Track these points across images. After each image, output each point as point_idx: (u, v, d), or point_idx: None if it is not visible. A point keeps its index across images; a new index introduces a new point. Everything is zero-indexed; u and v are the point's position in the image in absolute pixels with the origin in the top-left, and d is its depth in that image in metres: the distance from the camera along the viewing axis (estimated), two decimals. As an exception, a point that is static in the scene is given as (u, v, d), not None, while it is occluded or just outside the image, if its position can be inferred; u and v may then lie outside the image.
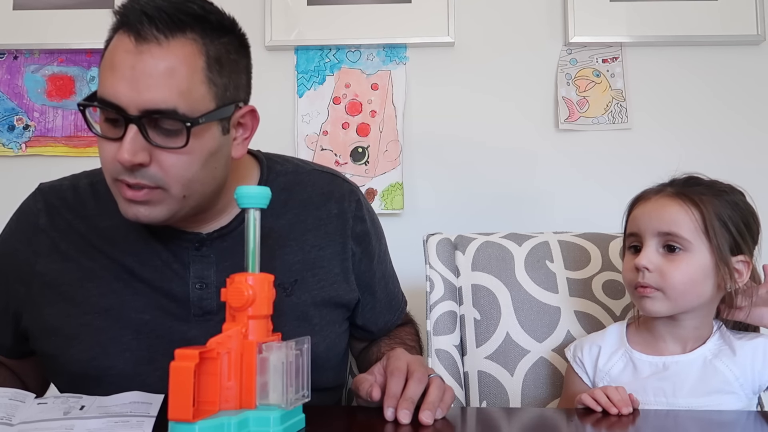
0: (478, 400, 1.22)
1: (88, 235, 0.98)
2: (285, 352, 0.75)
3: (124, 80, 0.82)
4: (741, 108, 1.77)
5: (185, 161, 0.86)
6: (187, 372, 0.69)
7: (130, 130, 0.83)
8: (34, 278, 0.98)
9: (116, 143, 0.84)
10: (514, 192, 1.76)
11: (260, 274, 0.79)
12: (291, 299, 0.99)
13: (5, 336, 1.04)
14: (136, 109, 0.82)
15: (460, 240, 1.34)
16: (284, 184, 1.04)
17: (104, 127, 0.87)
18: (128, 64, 0.82)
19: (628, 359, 1.05)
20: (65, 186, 1.04)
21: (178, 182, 0.87)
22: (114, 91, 0.83)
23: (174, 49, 0.83)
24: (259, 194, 0.80)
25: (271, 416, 0.73)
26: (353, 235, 1.06)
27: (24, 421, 0.78)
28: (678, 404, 0.98)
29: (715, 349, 1.02)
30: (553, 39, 1.80)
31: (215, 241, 0.98)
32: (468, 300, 1.28)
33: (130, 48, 0.82)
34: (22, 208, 1.04)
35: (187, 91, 0.84)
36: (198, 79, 0.85)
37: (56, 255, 0.98)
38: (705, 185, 1.04)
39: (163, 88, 0.82)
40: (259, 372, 0.74)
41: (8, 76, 1.83)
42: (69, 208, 1.00)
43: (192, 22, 0.85)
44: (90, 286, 0.96)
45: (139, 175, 0.85)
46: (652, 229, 1.01)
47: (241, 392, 0.74)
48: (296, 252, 1.01)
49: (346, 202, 1.07)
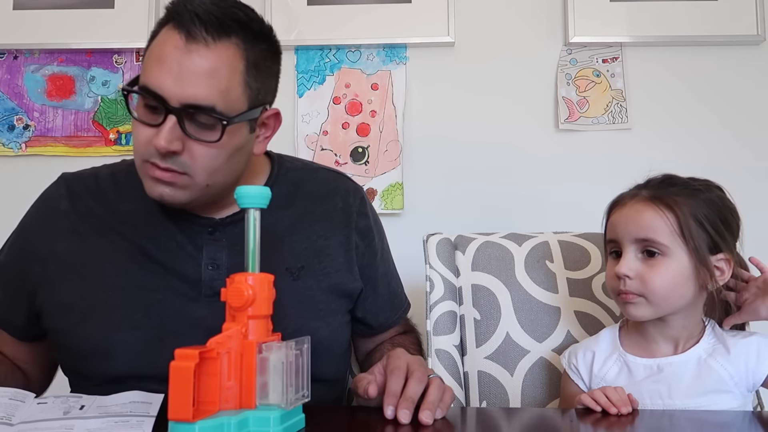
0: (478, 400, 1.22)
1: (107, 218, 1.03)
2: (285, 352, 0.75)
3: (171, 74, 0.88)
4: (741, 108, 1.77)
5: (214, 154, 0.92)
6: (186, 372, 0.69)
7: (169, 120, 0.89)
8: (52, 257, 1.01)
9: (152, 129, 0.90)
10: (514, 192, 1.76)
11: (260, 274, 0.79)
12: (297, 284, 1.03)
13: (19, 315, 1.05)
14: (178, 101, 0.88)
15: (460, 240, 1.34)
16: (293, 179, 1.10)
17: (142, 111, 0.92)
18: (176, 59, 0.88)
19: (623, 363, 1.04)
20: (86, 174, 1.09)
21: (204, 172, 0.93)
22: (159, 82, 0.88)
23: (219, 51, 0.90)
24: (259, 194, 0.80)
25: (271, 416, 0.73)
26: (357, 228, 1.11)
27: (24, 420, 0.78)
28: (674, 405, 0.98)
29: (708, 348, 1.02)
30: (553, 39, 1.80)
31: (228, 227, 1.03)
32: (468, 300, 1.28)
33: (180, 45, 0.88)
34: (45, 194, 1.09)
35: (226, 91, 0.90)
36: (236, 81, 0.91)
37: (75, 236, 1.02)
38: (680, 185, 1.03)
39: (205, 86, 0.88)
40: (259, 372, 0.74)
41: (8, 76, 1.83)
42: (90, 194, 1.05)
43: (237, 27, 0.91)
44: (106, 266, 1.00)
45: (170, 161, 0.91)
46: (630, 235, 1.01)
47: (241, 392, 0.74)
48: (303, 240, 1.06)
49: (351, 198, 1.12)
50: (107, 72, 1.83)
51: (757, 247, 1.05)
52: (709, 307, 1.04)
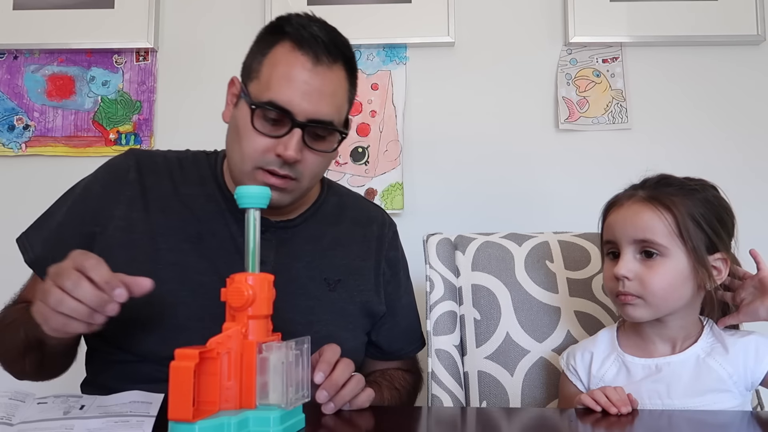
0: (478, 400, 1.22)
1: (170, 196, 1.10)
2: (285, 352, 0.75)
3: (299, 92, 0.99)
4: (741, 108, 1.77)
5: (322, 161, 1.06)
6: (186, 372, 0.69)
7: (295, 133, 1.00)
8: (111, 221, 1.06)
9: (272, 140, 1.01)
10: (514, 192, 1.76)
11: (260, 274, 0.79)
12: (333, 294, 1.12)
13: None
14: (304, 117, 1.00)
15: (460, 240, 1.34)
16: (338, 202, 1.21)
17: (261, 123, 1.01)
18: (304, 79, 1.00)
19: (621, 363, 1.04)
20: (155, 153, 1.17)
21: (310, 177, 1.06)
22: (288, 99, 0.99)
23: (337, 73, 1.03)
24: (259, 194, 0.80)
25: (271, 416, 0.73)
26: (387, 258, 1.20)
27: (24, 420, 0.78)
28: (673, 405, 0.98)
29: (707, 347, 1.01)
30: (553, 39, 1.80)
31: (278, 231, 1.11)
32: (468, 300, 1.28)
33: (309, 67, 1.00)
34: (112, 162, 1.14)
35: (340, 107, 1.04)
36: (345, 99, 1.06)
37: (137, 205, 1.08)
38: (676, 185, 1.03)
39: (328, 103, 1.01)
40: (259, 372, 0.74)
41: (8, 76, 1.83)
42: (157, 171, 1.12)
43: (343, 53, 1.05)
44: (161, 240, 1.06)
45: (288, 168, 1.02)
46: (628, 236, 1.00)
47: (241, 392, 0.74)
48: (343, 257, 1.15)
49: (385, 229, 1.23)
50: (107, 72, 1.83)
51: (757, 247, 1.05)
52: (707, 307, 1.04)
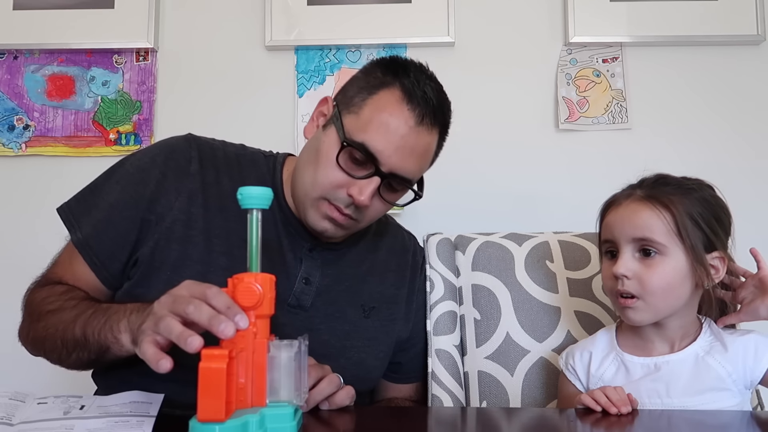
0: (478, 400, 1.22)
1: (228, 196, 1.04)
2: (294, 350, 0.76)
3: (393, 145, 0.99)
4: (741, 108, 1.76)
5: (383, 209, 1.06)
6: (219, 373, 0.69)
7: (374, 180, 0.99)
8: (170, 213, 1.03)
9: (349, 178, 1.00)
10: (514, 192, 1.76)
11: (264, 275, 0.79)
12: (367, 322, 1.13)
13: (117, 260, 1.03)
14: (389, 168, 1.00)
15: (460, 240, 1.34)
16: (377, 229, 1.21)
17: (345, 160, 1.00)
18: (402, 134, 0.99)
19: (620, 362, 1.05)
20: (216, 145, 1.13)
21: (369, 220, 1.06)
22: (381, 148, 0.99)
23: (432, 137, 1.03)
24: (262, 195, 0.81)
25: (286, 413, 0.74)
26: (418, 286, 1.24)
27: (24, 420, 0.78)
28: (672, 404, 0.98)
29: (706, 346, 1.02)
30: (553, 39, 1.80)
31: (324, 252, 1.11)
32: (468, 300, 1.28)
33: (411, 124, 1.00)
34: (174, 147, 1.08)
35: (423, 168, 1.06)
36: (430, 161, 1.07)
37: (197, 200, 1.05)
38: (674, 184, 1.03)
39: (416, 164, 1.02)
40: (269, 370, 0.75)
41: (8, 76, 1.83)
42: (217, 166, 1.09)
43: (444, 118, 1.06)
44: (216, 242, 1.04)
45: (353, 210, 1.02)
46: (626, 235, 1.01)
47: (252, 390, 0.75)
48: (379, 284, 1.17)
49: (418, 257, 1.27)
50: (107, 72, 1.83)
51: (758, 246, 1.05)
52: (705, 306, 1.05)
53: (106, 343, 0.89)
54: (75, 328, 0.93)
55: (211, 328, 0.73)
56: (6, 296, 1.13)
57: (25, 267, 1.10)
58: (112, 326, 0.89)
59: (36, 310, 0.99)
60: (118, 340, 0.88)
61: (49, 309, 0.98)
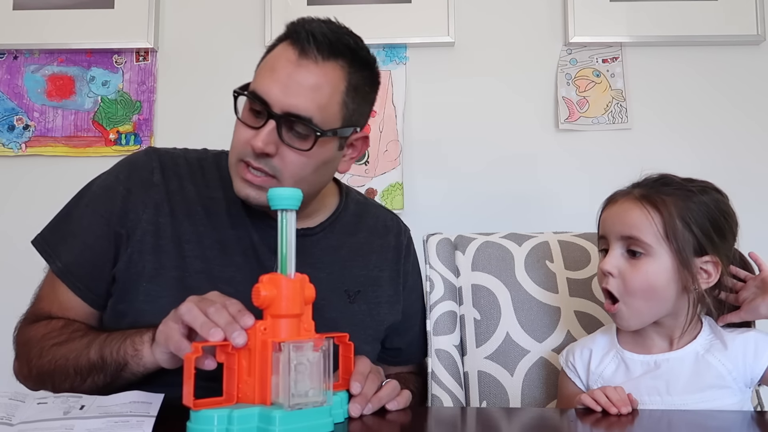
0: (478, 400, 1.22)
1: (194, 200, 1.08)
2: (296, 354, 0.75)
3: (279, 83, 0.96)
4: (741, 108, 1.77)
5: (303, 162, 0.99)
6: (188, 361, 0.75)
7: (269, 124, 0.96)
8: (139, 225, 1.04)
9: (252, 131, 0.98)
10: (514, 192, 1.76)
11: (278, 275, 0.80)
12: (353, 307, 1.11)
13: (101, 278, 1.04)
14: (280, 109, 0.96)
15: (460, 240, 1.34)
16: (356, 210, 1.19)
17: (246, 114, 1.00)
18: (286, 71, 0.97)
19: (620, 360, 1.04)
20: (177, 153, 1.13)
21: (291, 177, 0.99)
22: (267, 89, 0.97)
23: (325, 70, 0.98)
24: (291, 196, 0.82)
25: (277, 415, 0.73)
26: (404, 266, 1.21)
27: (24, 421, 0.78)
28: (672, 402, 0.98)
29: (706, 344, 1.01)
30: (553, 39, 1.80)
31: (299, 239, 1.04)
32: (468, 300, 1.28)
33: (293, 59, 0.97)
34: (134, 161, 1.10)
35: (324, 106, 0.98)
36: (335, 99, 0.99)
37: (163, 210, 1.05)
38: (674, 185, 1.02)
39: (307, 98, 0.97)
40: (273, 370, 0.76)
41: (8, 76, 1.83)
42: (179, 173, 1.10)
43: (345, 52, 1.00)
44: (187, 248, 1.04)
45: (262, 162, 0.98)
46: (616, 232, 1.01)
47: (261, 388, 0.76)
48: (362, 267, 1.15)
49: (402, 237, 1.23)
50: (107, 72, 1.83)
51: (758, 248, 1.05)
52: (700, 308, 1.04)
53: (125, 359, 0.91)
54: (90, 353, 0.95)
55: (226, 332, 0.79)
56: (6, 296, 1.13)
57: (25, 267, 1.10)
58: (134, 340, 0.91)
59: (37, 346, 1.00)
60: (138, 352, 0.90)
61: (54, 343, 0.99)
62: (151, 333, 0.91)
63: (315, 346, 0.77)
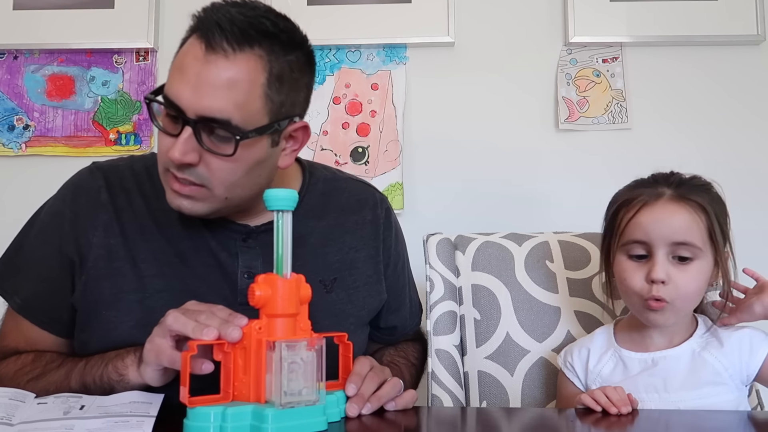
0: (478, 400, 1.22)
1: (145, 215, 1.01)
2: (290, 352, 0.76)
3: (188, 85, 0.87)
4: (741, 108, 1.76)
5: (231, 167, 0.91)
6: (184, 359, 0.75)
7: (185, 131, 0.88)
8: (90, 250, 0.99)
9: (172, 138, 0.89)
10: (514, 192, 1.76)
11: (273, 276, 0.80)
12: (331, 296, 1.05)
13: (63, 310, 1.00)
14: (194, 113, 0.87)
15: (460, 240, 1.34)
16: (324, 189, 1.10)
17: (165, 120, 0.92)
18: (195, 70, 0.87)
19: (618, 358, 1.04)
20: (122, 166, 1.06)
21: (221, 185, 0.92)
22: (177, 93, 0.88)
23: (239, 63, 0.87)
24: (287, 197, 0.81)
25: (269, 413, 0.73)
26: (384, 241, 1.13)
27: (24, 421, 0.78)
28: (670, 399, 0.98)
29: (702, 341, 1.02)
30: (553, 39, 1.80)
31: (261, 235, 1.01)
32: (468, 300, 1.28)
33: (200, 56, 0.87)
34: (79, 182, 1.04)
35: (243, 104, 0.88)
36: (256, 94, 0.89)
37: (114, 231, 1.00)
38: (696, 183, 1.02)
39: (221, 98, 0.87)
40: (267, 369, 0.76)
41: (8, 76, 1.83)
42: (126, 187, 1.03)
43: (261, 38, 0.88)
44: (144, 267, 0.98)
45: (187, 173, 0.90)
46: (665, 238, 0.97)
47: (256, 387, 0.77)
48: (336, 252, 1.07)
49: (378, 210, 1.14)
50: (107, 72, 1.83)
51: (756, 247, 1.06)
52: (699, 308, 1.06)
53: (110, 384, 0.88)
54: (71, 383, 0.92)
55: (220, 331, 0.77)
56: (6, 296, 1.13)
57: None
58: (116, 366, 0.89)
59: (11, 384, 0.93)
60: (123, 377, 0.88)
61: (29, 378, 0.95)
62: (132, 355, 0.88)
63: (309, 345, 0.77)
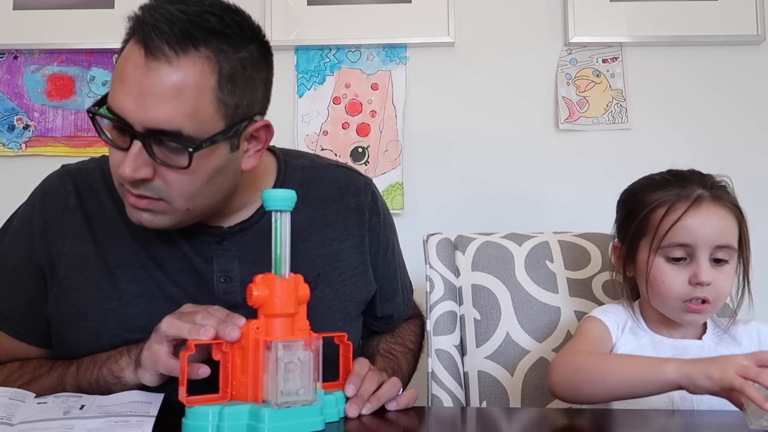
0: (478, 400, 1.22)
1: (116, 219, 0.96)
2: (287, 352, 0.76)
3: (131, 96, 0.80)
4: (741, 108, 1.77)
5: (189, 179, 0.85)
6: (182, 358, 0.76)
7: (134, 145, 0.82)
8: (61, 260, 0.95)
9: (121, 153, 0.83)
10: (514, 192, 1.76)
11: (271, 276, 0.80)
12: (315, 293, 0.98)
13: (39, 319, 0.97)
14: (141, 126, 0.81)
15: (460, 240, 1.34)
16: (301, 179, 1.03)
17: (113, 133, 0.86)
18: (137, 79, 0.80)
19: (649, 341, 1.04)
20: (91, 168, 1.01)
21: (181, 197, 0.86)
22: (121, 105, 0.81)
23: (184, 68, 0.80)
24: (285, 197, 0.81)
25: (265, 412, 0.73)
26: (370, 227, 1.07)
27: (24, 420, 0.78)
28: None
29: (716, 338, 1.04)
30: (553, 39, 1.80)
31: (236, 235, 0.97)
32: (468, 300, 1.28)
33: (140, 63, 0.80)
34: (48, 188, 1.00)
35: (193, 112, 0.81)
36: (207, 99, 0.82)
37: (85, 237, 0.95)
38: (724, 185, 1.04)
39: (168, 108, 0.80)
40: (264, 369, 0.76)
41: (8, 76, 1.83)
42: (96, 191, 0.98)
43: (206, 37, 0.81)
44: (118, 273, 0.94)
45: (143, 188, 0.85)
46: (710, 241, 0.97)
47: (254, 386, 0.77)
48: (317, 246, 1.02)
49: (362, 196, 1.07)
50: (107, 72, 1.83)
51: (758, 248, 1.05)
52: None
53: (107, 386, 0.87)
54: (66, 388, 0.90)
55: (219, 331, 0.77)
56: None
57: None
58: (111, 368, 0.87)
59: None
60: (120, 379, 0.87)
61: (20, 384, 0.92)
62: (126, 357, 0.87)
63: (306, 345, 0.77)
